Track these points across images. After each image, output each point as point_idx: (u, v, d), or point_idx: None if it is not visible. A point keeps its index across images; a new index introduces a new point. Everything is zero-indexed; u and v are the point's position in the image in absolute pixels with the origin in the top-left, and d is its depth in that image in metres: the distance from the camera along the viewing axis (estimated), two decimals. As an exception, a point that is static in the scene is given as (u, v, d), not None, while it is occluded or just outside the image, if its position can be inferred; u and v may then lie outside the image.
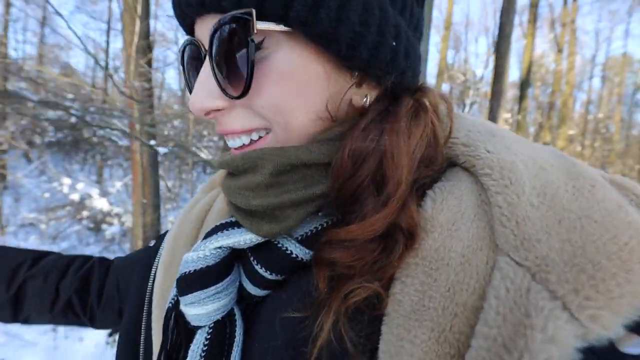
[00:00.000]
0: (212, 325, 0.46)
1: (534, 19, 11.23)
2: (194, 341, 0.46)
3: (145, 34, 5.28)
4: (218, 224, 0.49)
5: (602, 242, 0.31)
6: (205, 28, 0.42)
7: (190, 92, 0.47)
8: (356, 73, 0.43)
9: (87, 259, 0.77)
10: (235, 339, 0.45)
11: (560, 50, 14.86)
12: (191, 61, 0.47)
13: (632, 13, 20.00)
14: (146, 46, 5.30)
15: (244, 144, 0.45)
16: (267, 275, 0.45)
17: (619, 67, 21.56)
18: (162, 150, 3.59)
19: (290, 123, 0.42)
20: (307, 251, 0.44)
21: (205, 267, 0.45)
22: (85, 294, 0.71)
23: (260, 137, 0.45)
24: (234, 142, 0.46)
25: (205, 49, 0.42)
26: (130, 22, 5.14)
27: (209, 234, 0.48)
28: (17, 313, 0.69)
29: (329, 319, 0.38)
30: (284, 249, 0.44)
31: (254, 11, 0.37)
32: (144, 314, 0.58)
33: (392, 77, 0.42)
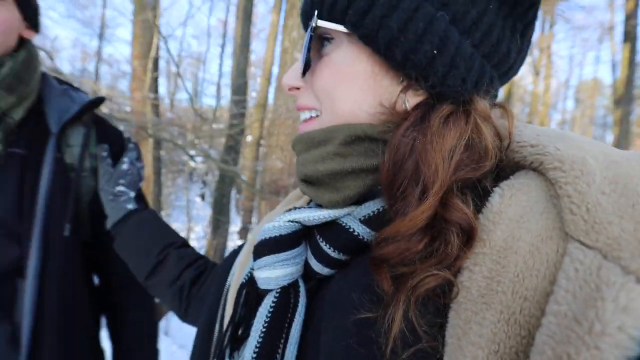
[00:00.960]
0: (279, 290, 0.51)
1: (514, 44, 11.96)
2: (262, 304, 0.51)
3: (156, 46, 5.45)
4: (296, 206, 0.57)
5: None
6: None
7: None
8: (401, 79, 0.46)
9: (208, 260, 0.94)
10: (298, 309, 0.50)
11: (537, 73, 15.80)
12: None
13: (601, 41, 21.48)
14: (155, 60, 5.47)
15: (306, 119, 0.54)
16: (331, 252, 0.49)
17: (590, 91, 22.96)
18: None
19: (336, 108, 0.49)
20: (369, 231, 0.47)
21: (279, 235, 0.51)
22: (192, 286, 0.84)
23: (312, 117, 0.53)
24: (304, 115, 0.55)
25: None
26: (143, 33, 5.31)
27: (287, 211, 0.54)
28: (152, 274, 0.90)
29: (398, 311, 0.39)
30: (348, 227, 0.48)
31: (316, 11, 0.47)
32: (222, 298, 0.63)
33: (430, 82, 0.44)
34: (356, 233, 0.48)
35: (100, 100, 1.06)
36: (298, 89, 0.54)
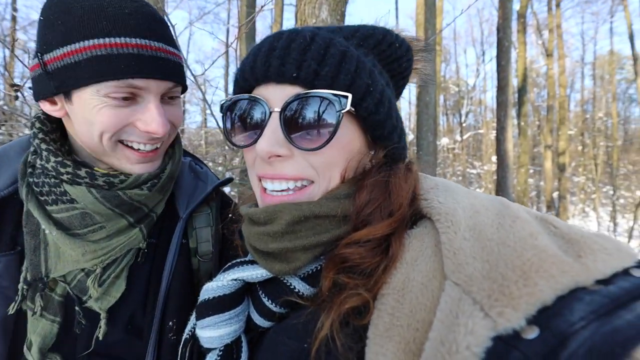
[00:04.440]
0: (223, 348, 0.54)
1: (523, 28, 11.63)
2: None
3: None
4: (236, 261, 0.59)
5: (510, 260, 0.40)
6: (275, 91, 0.55)
7: (227, 135, 0.61)
8: (373, 151, 0.59)
9: None
10: None
11: (549, 55, 15.29)
12: (247, 113, 0.58)
13: (614, 13, 20.67)
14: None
15: (288, 188, 0.56)
16: (272, 307, 0.54)
17: (607, 65, 22.06)
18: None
19: (332, 178, 0.56)
20: (307, 287, 0.54)
21: (222, 294, 0.54)
22: None
23: (304, 186, 0.56)
24: (279, 185, 0.56)
25: (270, 106, 0.55)
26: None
27: (227, 268, 0.58)
28: None
29: (328, 319, 0.47)
30: (289, 284, 0.54)
31: (350, 96, 0.53)
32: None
33: (392, 149, 0.60)
34: (297, 290, 0.54)
35: (228, 181, 0.99)
36: (279, 156, 0.55)
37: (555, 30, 15.01)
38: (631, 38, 14.45)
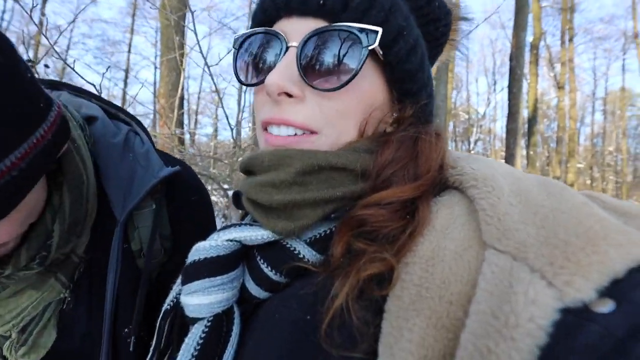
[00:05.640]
0: (212, 318, 0.46)
1: (535, 60, 11.81)
2: (189, 334, 0.46)
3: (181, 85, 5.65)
4: (232, 223, 0.52)
5: (571, 226, 0.35)
6: (297, 25, 0.49)
7: (238, 73, 0.54)
8: (396, 111, 0.53)
9: None
10: (231, 338, 0.46)
11: (561, 87, 15.41)
12: (262, 49, 0.52)
13: (626, 50, 20.89)
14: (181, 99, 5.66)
15: (295, 134, 0.48)
16: (271, 275, 0.46)
17: (619, 101, 22.13)
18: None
19: (343, 131, 0.49)
20: (314, 253, 0.46)
21: (216, 255, 0.46)
22: None
23: (304, 134, 0.48)
24: (286, 131, 0.49)
25: (287, 41, 0.49)
26: (169, 73, 5.52)
27: (223, 228, 0.50)
28: None
29: (344, 286, 0.40)
30: (292, 249, 0.46)
31: (380, 30, 0.46)
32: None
33: (421, 110, 0.53)
34: (301, 255, 0.46)
35: (176, 171, 0.76)
36: (290, 96, 0.48)
37: (567, 64, 15.18)
38: (643, 76, 14.51)
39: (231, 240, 0.47)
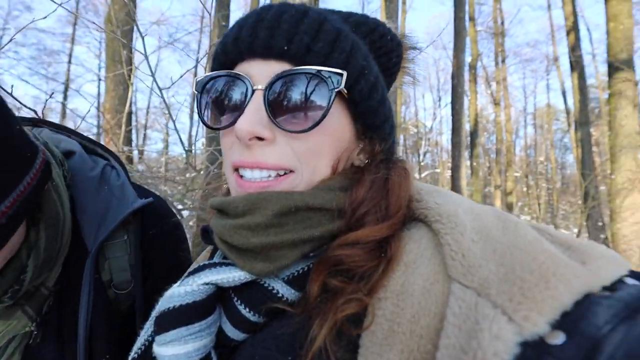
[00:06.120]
0: None
1: (474, 79, 12.86)
2: None
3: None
4: (205, 262, 0.50)
5: (526, 263, 0.38)
6: (260, 68, 0.49)
7: (202, 116, 0.54)
8: (362, 144, 0.55)
9: None
10: None
11: (497, 104, 16.85)
12: (226, 92, 0.52)
13: (549, 71, 23.44)
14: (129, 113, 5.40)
15: (269, 176, 0.49)
16: (249, 316, 0.46)
17: (545, 116, 24.64)
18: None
19: (317, 169, 0.50)
20: (293, 291, 0.46)
21: (192, 302, 0.45)
22: None
23: (285, 174, 0.49)
24: (259, 174, 0.49)
25: (253, 84, 0.48)
26: (115, 87, 5.26)
27: (196, 270, 0.49)
28: None
29: (322, 328, 0.41)
30: (271, 288, 0.46)
31: (345, 73, 0.48)
32: None
33: (387, 144, 0.56)
34: (280, 294, 0.46)
35: (149, 203, 0.78)
36: (261, 139, 0.48)
37: (501, 83, 16.69)
38: (564, 94, 16.35)
39: (207, 284, 0.46)
